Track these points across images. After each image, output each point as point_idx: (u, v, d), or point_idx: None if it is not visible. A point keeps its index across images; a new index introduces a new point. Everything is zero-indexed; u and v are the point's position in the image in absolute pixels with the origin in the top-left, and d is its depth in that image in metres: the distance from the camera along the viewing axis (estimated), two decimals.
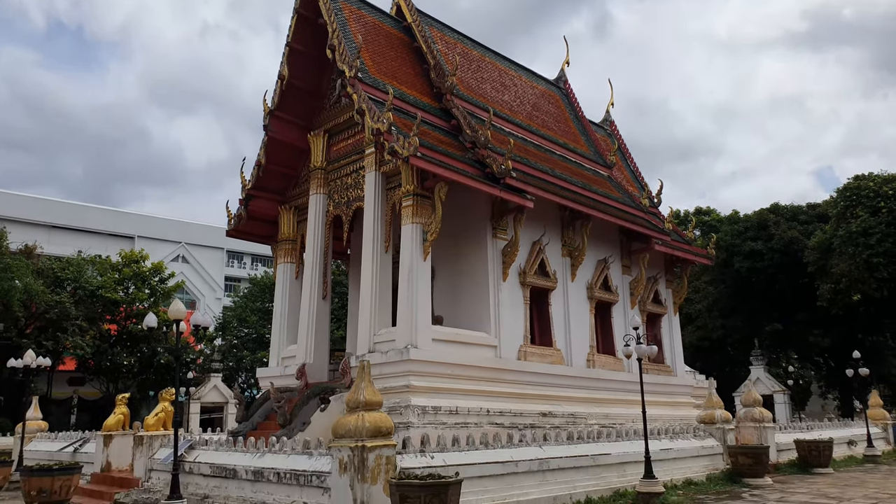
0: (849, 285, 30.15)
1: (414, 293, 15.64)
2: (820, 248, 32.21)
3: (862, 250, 29.31)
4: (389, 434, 8.44)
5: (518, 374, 17.42)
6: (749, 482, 14.12)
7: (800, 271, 34.28)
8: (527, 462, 10.46)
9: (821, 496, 12.54)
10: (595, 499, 11.32)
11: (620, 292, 22.29)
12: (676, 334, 25.13)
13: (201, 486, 10.85)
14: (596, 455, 11.87)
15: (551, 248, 19.79)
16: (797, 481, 15.04)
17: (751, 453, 14.24)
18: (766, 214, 37.20)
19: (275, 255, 21.02)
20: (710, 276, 38.80)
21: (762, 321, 37.62)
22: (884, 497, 12.38)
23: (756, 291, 36.66)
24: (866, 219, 29.49)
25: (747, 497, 12.32)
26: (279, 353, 19.67)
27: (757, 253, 35.58)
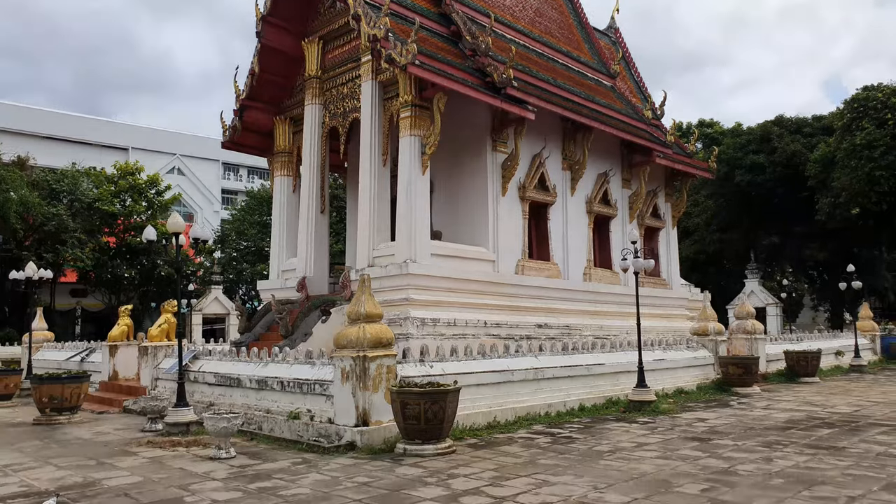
0: (849, 199, 30.08)
1: (412, 208, 15.55)
2: (822, 162, 31.91)
3: (865, 163, 29.05)
4: (390, 345, 8.60)
5: (516, 287, 17.60)
6: (738, 391, 14.56)
7: (800, 185, 34.12)
8: (522, 371, 10.72)
9: (806, 403, 12.96)
10: (588, 406, 11.69)
11: (619, 206, 22.22)
12: (674, 248, 25.27)
13: (206, 395, 11.16)
14: (590, 365, 12.17)
15: (551, 161, 19.55)
16: (784, 390, 15.52)
17: (740, 363, 14.62)
18: (770, 127, 36.60)
19: (271, 167, 20.78)
20: (710, 190, 38.65)
21: (759, 235, 37.81)
22: (866, 404, 12.80)
23: (755, 205, 36.62)
24: (872, 131, 29.05)
25: (735, 405, 12.73)
26: (279, 267, 19.79)
27: (758, 166, 35.26)
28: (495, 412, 10.09)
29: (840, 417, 11.05)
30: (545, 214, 19.65)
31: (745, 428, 9.91)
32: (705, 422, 10.57)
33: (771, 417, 11.02)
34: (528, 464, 7.43)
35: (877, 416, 11.24)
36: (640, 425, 10.24)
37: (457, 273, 16.12)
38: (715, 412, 11.70)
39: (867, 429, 9.83)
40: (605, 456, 7.85)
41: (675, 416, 11.16)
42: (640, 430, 9.70)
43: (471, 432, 9.31)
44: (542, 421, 10.50)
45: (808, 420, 10.73)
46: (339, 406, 8.55)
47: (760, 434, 9.35)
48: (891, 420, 10.73)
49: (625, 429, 9.87)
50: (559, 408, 11.23)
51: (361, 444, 8.16)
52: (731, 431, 9.60)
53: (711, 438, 8.99)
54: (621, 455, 7.92)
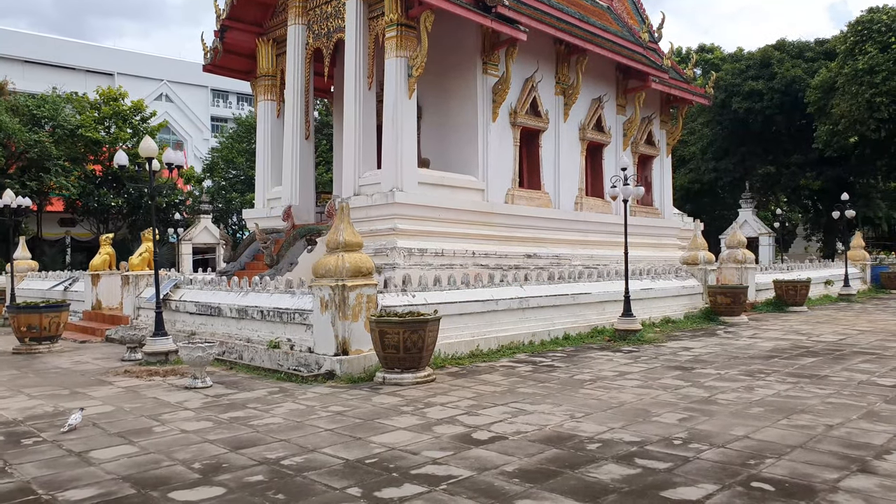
0: (847, 126, 29.50)
1: (399, 134, 15.07)
2: (822, 88, 31.12)
3: (866, 89, 28.32)
4: (370, 274, 8.38)
5: (505, 217, 17.32)
6: (725, 320, 14.54)
7: (798, 112, 33.43)
8: (506, 301, 10.58)
9: (792, 332, 12.95)
10: (573, 335, 11.64)
11: (613, 133, 21.70)
12: (667, 177, 24.88)
13: (188, 324, 11.02)
14: (576, 294, 12.04)
15: (544, 85, 18.91)
16: (772, 319, 15.52)
17: (729, 293, 14.54)
18: (771, 52, 35.53)
19: (255, 91, 20.08)
20: (707, 118, 37.89)
21: (755, 163, 37.32)
22: (851, 333, 12.80)
23: (752, 133, 35.98)
24: (875, 55, 28.18)
25: (721, 334, 12.70)
26: (264, 195, 19.42)
27: (757, 93, 34.42)
28: (478, 341, 9.99)
29: (825, 346, 11.02)
30: (537, 141, 19.18)
31: (729, 357, 9.86)
32: (690, 351, 10.53)
33: (756, 346, 10.98)
34: (507, 392, 7.34)
35: (861, 344, 11.22)
36: (623, 354, 10.19)
37: (445, 202, 15.81)
38: (701, 341, 11.66)
39: (851, 357, 9.80)
40: (586, 385, 7.78)
41: (659, 345, 11.11)
42: (623, 359, 9.64)
43: (453, 361, 9.23)
44: (526, 350, 10.43)
45: (793, 349, 10.69)
46: (319, 335, 8.40)
47: (744, 363, 9.30)
48: (875, 348, 10.71)
49: (608, 358, 9.81)
50: (543, 337, 11.16)
51: (341, 372, 8.06)
52: (715, 360, 9.55)
53: (694, 367, 8.93)
54: (602, 384, 7.84)
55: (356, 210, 15.63)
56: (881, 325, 14.23)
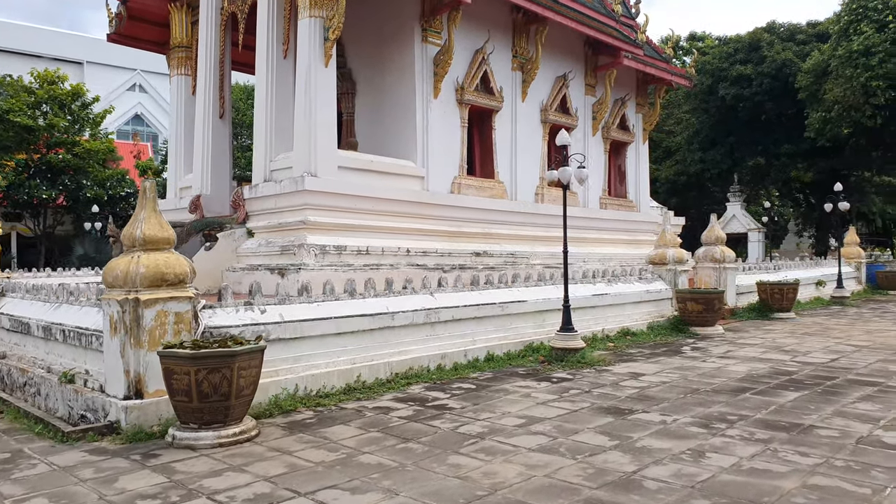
0: (841, 113, 27.21)
1: (311, 108, 12.69)
2: (815, 72, 28.80)
3: (861, 72, 26.01)
4: (179, 282, 6.01)
5: (450, 209, 15.02)
6: (696, 331, 12.24)
7: (789, 99, 31.13)
8: (408, 314, 8.23)
9: (773, 349, 10.66)
10: (499, 354, 9.29)
11: (581, 116, 19.37)
12: (644, 166, 22.58)
13: (4, 342, 8.64)
14: (506, 303, 9.69)
15: (498, 59, 16.55)
16: (752, 329, 13.23)
17: (700, 298, 12.22)
18: (761, 34, 33.19)
19: (169, 65, 17.65)
20: (693, 105, 35.57)
21: (744, 154, 35.03)
22: (846, 349, 10.53)
23: (740, 122, 33.68)
24: (870, 35, 25.86)
25: (687, 351, 10.38)
26: (176, 184, 17.04)
27: (745, 78, 32.08)
28: (361, 370, 7.65)
29: (812, 371, 8.72)
30: (489, 123, 16.84)
31: (686, 391, 7.53)
32: (639, 379, 8.20)
33: (725, 372, 8.67)
34: (338, 464, 4.99)
35: (858, 367, 8.93)
36: (550, 385, 7.85)
37: (373, 191, 13.48)
38: (657, 363, 9.34)
39: (845, 390, 7.50)
40: (467, 445, 5.44)
41: (603, 370, 8.78)
42: (544, 394, 7.30)
43: (313, 401, 6.87)
44: (429, 378, 8.08)
45: (772, 376, 8.38)
46: (109, 368, 6.03)
47: (704, 401, 6.98)
48: (875, 374, 8.42)
49: (527, 391, 7.47)
50: (458, 359, 8.82)
51: (127, 424, 5.68)
52: (667, 397, 7.22)
53: (634, 410, 6.60)
54: (490, 443, 5.51)
55: (265, 199, 13.27)
56: (880, 337, 11.95)
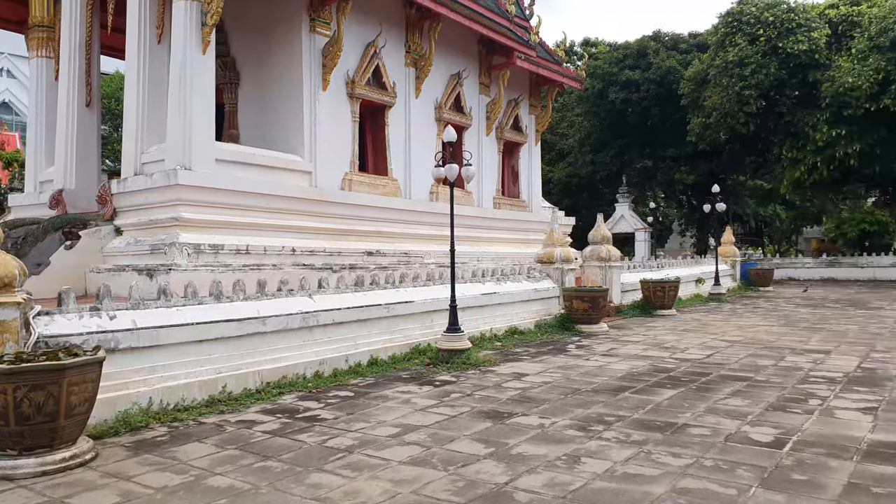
0: (719, 119, 28.82)
1: (187, 97, 11.84)
2: (695, 79, 30.38)
3: (736, 81, 27.66)
4: (5, 286, 5.25)
5: (340, 206, 14.51)
6: (582, 329, 12.40)
7: (674, 105, 32.70)
8: (282, 318, 7.71)
9: (654, 345, 10.92)
10: (384, 358, 8.94)
11: (475, 115, 19.35)
12: (536, 166, 22.91)
13: None
14: (391, 304, 9.35)
15: (391, 53, 16.20)
16: (636, 326, 13.58)
17: (586, 296, 12.39)
18: (648, 42, 34.70)
19: (28, 46, 16.05)
20: (584, 108, 36.67)
21: (632, 157, 36.50)
22: (721, 344, 10.97)
23: (629, 125, 35.06)
24: (744, 47, 27.56)
25: (572, 350, 10.45)
26: (35, 177, 15.54)
27: (633, 83, 33.40)
28: (227, 379, 7.06)
29: (689, 367, 8.94)
30: (382, 118, 16.46)
31: (567, 391, 7.47)
32: (522, 379, 8.08)
33: (607, 370, 8.72)
34: (182, 489, 4.46)
35: (731, 363, 9.25)
36: (432, 388, 7.58)
37: (257, 186, 12.77)
38: (542, 363, 9.29)
39: (718, 386, 7.68)
40: (333, 460, 5.04)
41: (487, 371, 8.62)
42: (424, 400, 7.02)
43: (170, 415, 6.24)
44: (305, 386, 7.60)
45: (651, 374, 8.51)
46: None
47: (583, 402, 6.92)
48: (745, 369, 8.73)
49: (407, 397, 7.16)
50: (339, 364, 8.38)
51: None
52: (548, 398, 7.12)
53: (514, 414, 6.43)
54: (360, 456, 5.14)
55: (135, 195, 12.24)
56: (751, 332, 12.56)
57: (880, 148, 27.32)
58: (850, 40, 27.71)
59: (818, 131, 27.38)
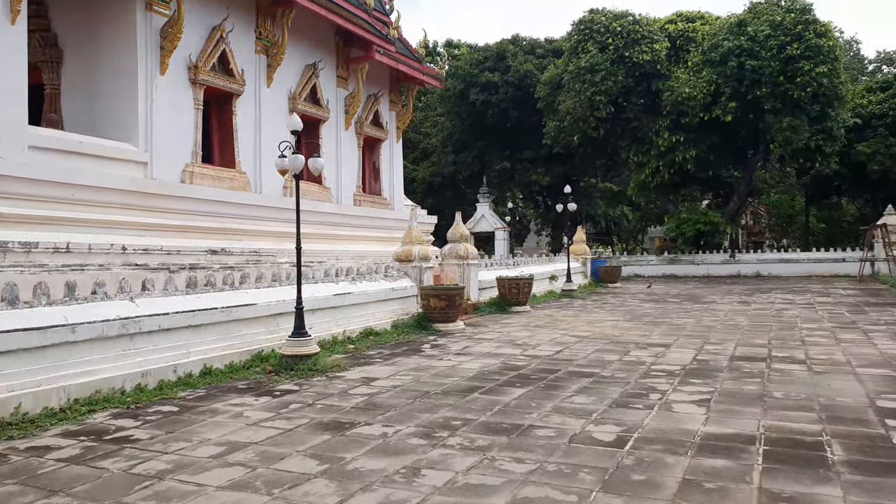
0: (572, 123, 30.08)
1: None
2: (551, 84, 31.52)
3: (587, 87, 28.99)
4: None
5: (181, 200, 13.36)
6: (439, 328, 12.22)
7: (531, 108, 33.75)
8: (96, 325, 6.76)
9: (508, 343, 10.94)
10: (218, 368, 8.17)
11: (333, 109, 18.70)
12: (398, 164, 22.63)
13: None
14: (231, 307, 8.59)
15: (240, 39, 15.19)
16: (491, 324, 13.63)
17: (443, 295, 12.24)
18: (507, 45, 35.58)
19: None
20: (447, 108, 37.00)
21: (493, 158, 37.30)
22: (570, 340, 11.20)
23: (489, 126, 35.79)
24: (595, 55, 28.95)
25: (427, 350, 10.20)
26: None
27: (493, 85, 34.12)
28: (23, 398, 6.05)
29: (539, 364, 8.95)
30: (230, 107, 15.41)
31: (416, 394, 7.15)
32: (371, 384, 7.67)
33: (459, 370, 8.52)
34: None
35: (578, 359, 9.39)
36: (270, 399, 6.97)
37: (82, 177, 11.40)
38: (394, 365, 8.93)
39: (566, 383, 7.70)
40: (137, 490, 4.34)
41: (335, 377, 8.12)
42: (259, 413, 6.41)
43: None
44: (124, 402, 6.71)
45: (502, 372, 8.41)
46: None
47: (431, 406, 6.62)
48: (592, 365, 8.88)
49: (240, 410, 6.51)
50: (166, 375, 7.52)
51: None
52: (395, 403, 6.76)
53: (356, 423, 6.00)
54: (172, 483, 4.48)
55: None
56: (599, 327, 12.98)
57: (713, 154, 29.76)
58: (687, 54, 29.94)
59: (660, 137, 29.34)
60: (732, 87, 27.35)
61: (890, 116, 31.64)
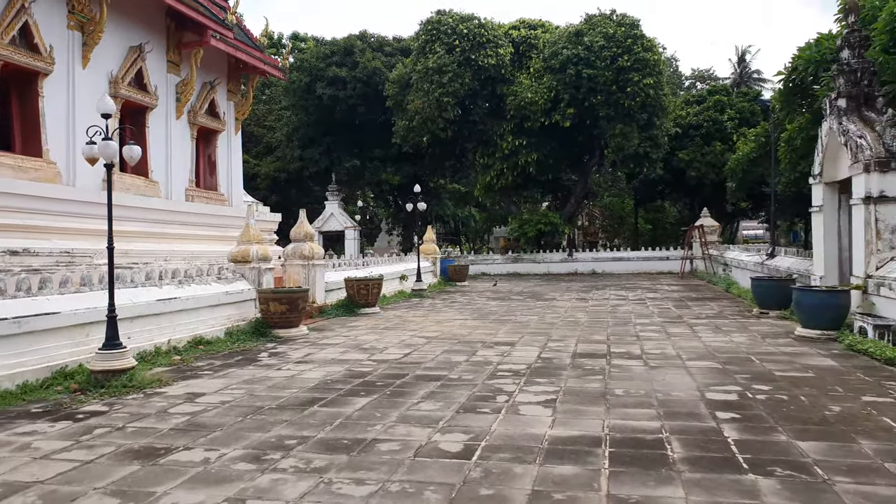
0: (421, 123, 30.06)
1: None
2: (399, 82, 31.31)
3: (435, 87, 29.10)
4: None
5: None
6: (280, 334, 11.42)
7: (380, 106, 33.35)
8: None
9: (354, 347, 10.43)
10: (8, 389, 6.89)
11: (162, 95, 17.09)
12: (237, 157, 21.25)
13: None
14: (24, 317, 7.31)
15: (48, 12, 13.38)
16: (338, 327, 13.03)
17: (284, 298, 11.45)
18: (354, 41, 34.90)
19: None
20: (292, 101, 35.61)
21: (341, 155, 36.44)
22: (419, 341, 10.91)
23: (337, 123, 34.91)
24: (442, 55, 29.14)
25: (264, 359, 9.42)
26: None
27: (341, 80, 33.31)
28: None
29: (386, 369, 8.54)
30: (34, 88, 13.54)
31: (249, 410, 6.45)
32: (196, 401, 6.83)
33: (299, 380, 7.88)
34: None
35: (427, 361, 9.09)
36: (71, 425, 5.95)
37: None
38: (225, 377, 8.10)
39: (413, 389, 7.34)
40: None
41: (154, 394, 7.17)
42: (54, 442, 5.41)
43: None
44: None
45: (347, 379, 7.89)
46: None
47: (265, 423, 5.97)
48: (440, 367, 8.62)
49: (28, 440, 5.46)
50: None
51: None
52: (222, 422, 6.02)
53: (173, 448, 5.21)
54: None
55: None
56: (448, 327, 12.83)
57: (553, 158, 31.07)
58: (530, 60, 31.01)
59: (504, 140, 30.13)
60: (571, 93, 28.70)
61: (704, 127, 34.88)
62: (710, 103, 35.76)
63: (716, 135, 34.42)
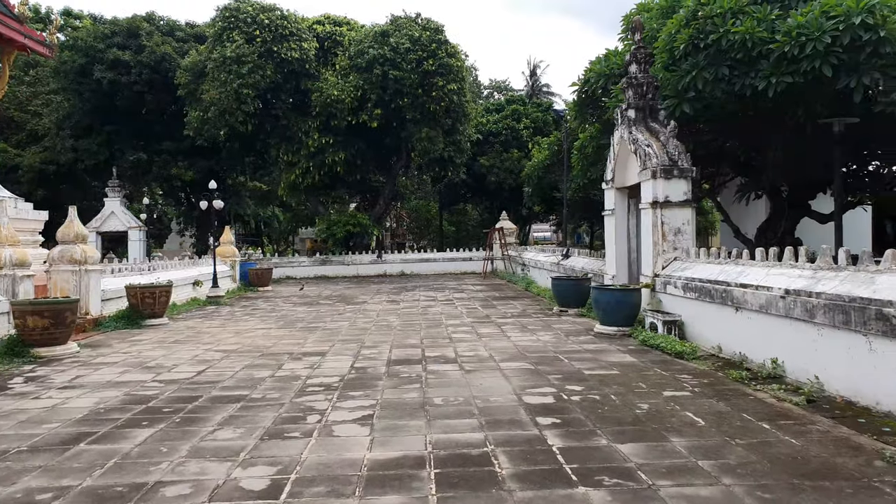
0: (217, 115, 27.94)
1: None
2: (193, 71, 28.85)
3: (234, 78, 27.23)
4: None
5: None
6: (41, 354, 9.58)
7: (170, 94, 30.51)
8: None
9: (136, 365, 9.03)
10: None
11: None
12: None
13: None
14: None
15: None
16: (117, 342, 11.33)
17: (47, 311, 9.62)
18: (140, 22, 31.57)
19: None
20: (63, 84, 31.33)
21: (124, 147, 32.76)
22: (215, 357, 9.73)
23: (119, 111, 31.34)
24: (242, 45, 27.35)
25: (17, 386, 7.73)
26: None
27: (124, 64, 29.92)
28: None
29: (175, 392, 7.39)
30: None
31: None
32: None
33: (63, 412, 6.50)
34: None
35: (224, 379, 8.07)
36: None
37: None
38: None
39: (208, 414, 6.37)
40: None
41: None
42: None
43: None
44: None
45: (125, 408, 6.66)
46: None
47: (8, 474, 4.70)
48: (241, 386, 7.67)
49: None
50: None
51: None
52: None
53: None
54: None
55: None
56: (249, 338, 11.73)
57: (360, 158, 30.59)
58: (335, 57, 30.25)
59: (310, 137, 29.04)
60: (378, 94, 28.42)
61: (503, 135, 36.60)
62: (508, 112, 37.62)
63: (513, 142, 36.27)
